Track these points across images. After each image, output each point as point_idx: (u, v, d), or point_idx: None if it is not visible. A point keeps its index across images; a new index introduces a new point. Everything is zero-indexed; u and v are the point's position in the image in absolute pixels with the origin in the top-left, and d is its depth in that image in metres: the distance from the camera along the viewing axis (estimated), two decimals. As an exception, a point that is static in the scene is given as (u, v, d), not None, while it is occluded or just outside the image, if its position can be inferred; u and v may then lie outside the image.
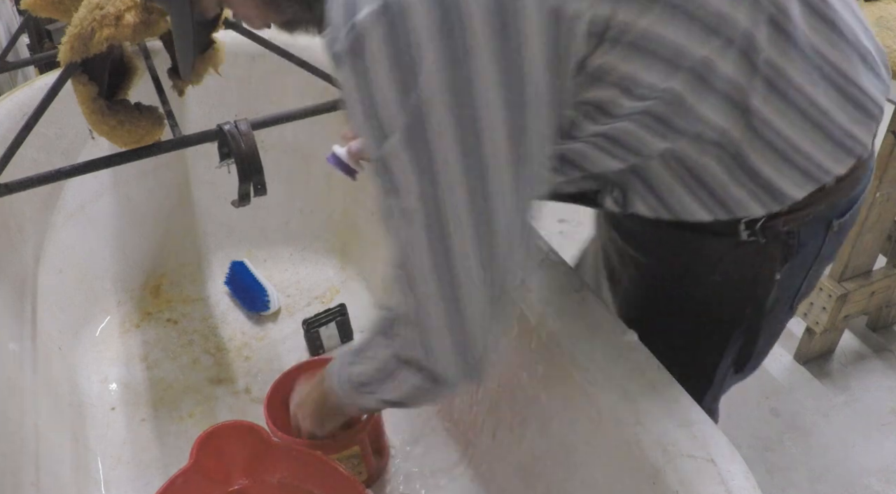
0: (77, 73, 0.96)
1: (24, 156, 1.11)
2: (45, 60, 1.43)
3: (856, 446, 1.62)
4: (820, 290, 1.68)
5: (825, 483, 1.56)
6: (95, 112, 0.98)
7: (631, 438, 0.77)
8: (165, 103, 1.07)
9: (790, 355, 1.82)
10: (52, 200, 1.40)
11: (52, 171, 1.00)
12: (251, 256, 1.61)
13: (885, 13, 1.40)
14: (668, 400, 0.77)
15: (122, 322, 1.50)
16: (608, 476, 0.83)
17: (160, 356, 1.43)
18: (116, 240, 1.52)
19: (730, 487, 0.69)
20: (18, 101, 1.29)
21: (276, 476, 1.06)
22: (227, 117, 1.09)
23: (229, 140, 1.03)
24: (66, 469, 1.12)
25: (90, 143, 1.38)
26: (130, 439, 1.27)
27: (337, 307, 1.44)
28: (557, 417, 0.92)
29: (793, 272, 0.82)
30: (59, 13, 1.12)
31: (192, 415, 1.32)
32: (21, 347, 1.14)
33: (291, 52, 1.17)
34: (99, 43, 0.90)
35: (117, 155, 1.03)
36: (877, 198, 1.54)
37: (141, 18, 0.90)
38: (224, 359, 1.43)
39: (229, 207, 1.10)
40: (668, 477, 0.72)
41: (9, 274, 1.22)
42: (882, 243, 1.66)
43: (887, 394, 1.73)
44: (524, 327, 0.93)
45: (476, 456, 1.14)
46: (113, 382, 1.38)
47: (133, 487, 1.19)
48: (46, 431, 1.09)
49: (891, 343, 1.85)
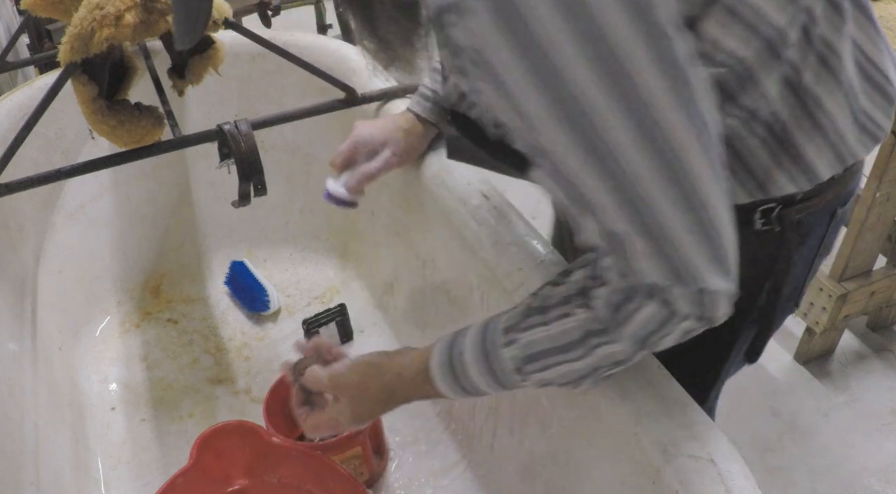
0: (77, 73, 0.96)
1: (24, 156, 1.11)
2: (45, 60, 1.43)
3: (856, 446, 1.62)
4: (820, 290, 1.68)
5: (825, 483, 1.56)
6: (95, 112, 0.98)
7: (631, 438, 0.77)
8: (165, 103, 1.07)
9: (790, 355, 1.82)
10: (52, 200, 1.41)
11: (52, 171, 1.00)
12: (251, 256, 1.61)
13: (885, 13, 1.40)
14: (668, 400, 0.77)
15: (122, 322, 1.50)
16: (608, 476, 0.83)
17: (160, 356, 1.43)
18: (116, 240, 1.52)
19: (730, 487, 0.69)
20: (18, 101, 1.29)
21: (276, 476, 1.06)
22: (227, 117, 1.09)
23: (229, 140, 1.03)
24: (66, 469, 1.12)
25: (90, 143, 1.38)
26: (130, 439, 1.27)
27: (337, 307, 1.44)
28: (557, 417, 0.92)
29: (802, 261, 0.82)
30: (59, 13, 1.12)
31: (192, 415, 1.32)
32: (21, 347, 1.14)
33: (291, 52, 1.17)
34: (99, 43, 0.90)
35: (117, 155, 1.03)
36: (877, 198, 1.54)
37: (141, 18, 0.90)
38: (224, 359, 1.43)
39: (229, 207, 1.10)
40: (668, 477, 0.72)
41: (9, 274, 1.22)
42: (882, 243, 1.66)
43: (887, 394, 1.73)
44: (524, 327, 0.93)
45: (476, 457, 1.14)
46: (113, 382, 1.38)
47: (133, 487, 1.19)
48: (46, 431, 1.09)
49: (891, 343, 1.85)
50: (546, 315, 0.68)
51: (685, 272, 0.58)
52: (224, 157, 1.07)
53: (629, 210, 0.55)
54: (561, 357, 0.68)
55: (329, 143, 1.52)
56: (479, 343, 0.73)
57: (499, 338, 0.71)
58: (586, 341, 0.66)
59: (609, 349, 0.66)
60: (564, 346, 0.67)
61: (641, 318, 0.62)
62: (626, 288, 0.62)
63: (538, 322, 0.69)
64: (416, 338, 1.34)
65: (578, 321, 0.66)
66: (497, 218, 1.00)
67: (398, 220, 1.32)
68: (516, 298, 0.93)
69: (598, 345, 0.66)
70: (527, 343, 0.69)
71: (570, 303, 0.67)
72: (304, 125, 1.32)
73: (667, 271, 0.58)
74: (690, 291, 0.59)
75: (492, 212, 1.01)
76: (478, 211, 1.02)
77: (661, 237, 0.56)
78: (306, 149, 1.55)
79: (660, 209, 0.55)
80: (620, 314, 0.63)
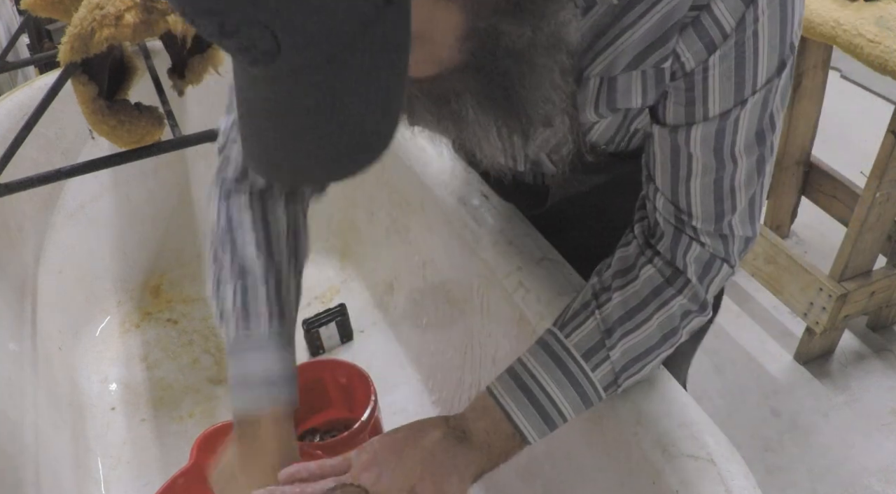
0: (77, 73, 0.96)
1: (24, 156, 1.11)
2: (45, 60, 1.43)
3: (856, 446, 1.62)
4: (820, 290, 1.68)
5: (825, 483, 1.56)
6: (95, 112, 0.98)
7: (631, 438, 0.77)
8: (165, 103, 1.07)
9: (790, 355, 1.83)
10: (52, 200, 1.41)
11: (52, 171, 1.00)
12: (251, 256, 1.61)
13: (885, 13, 1.40)
14: (668, 400, 0.77)
15: (122, 322, 1.50)
16: (608, 476, 0.83)
17: (160, 356, 1.43)
18: (116, 240, 1.52)
19: (730, 487, 0.69)
20: (18, 101, 1.29)
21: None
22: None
23: (229, 140, 1.03)
24: (66, 469, 1.12)
25: (90, 143, 1.38)
26: (130, 439, 1.27)
27: (337, 307, 1.44)
28: (557, 417, 0.92)
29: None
30: (59, 13, 1.12)
31: (192, 415, 1.32)
32: (21, 347, 1.14)
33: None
34: (99, 43, 0.90)
35: (117, 155, 1.03)
36: (877, 198, 1.54)
37: (141, 18, 0.90)
38: (224, 359, 1.42)
39: (229, 207, 1.10)
40: (668, 477, 0.72)
41: (9, 274, 1.22)
42: (882, 243, 1.66)
43: (887, 394, 1.73)
44: (524, 327, 0.93)
45: (476, 456, 1.14)
46: (113, 382, 1.38)
47: (133, 487, 1.19)
48: (46, 431, 1.09)
49: (891, 343, 1.85)
50: (635, 318, 0.71)
51: (753, 224, 0.70)
52: (224, 157, 1.07)
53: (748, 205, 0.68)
54: (658, 349, 0.72)
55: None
56: (557, 370, 0.71)
57: (581, 364, 0.71)
58: (682, 322, 0.71)
59: (698, 320, 0.72)
60: (663, 337, 0.72)
61: (718, 281, 0.71)
62: (707, 260, 0.69)
63: (629, 329, 0.71)
64: (416, 338, 1.34)
65: (677, 305, 0.71)
66: (497, 218, 1.00)
67: (398, 220, 1.32)
68: (516, 298, 0.93)
69: (690, 321, 0.72)
70: (621, 354, 0.71)
71: (661, 294, 0.71)
72: (304, 125, 1.32)
73: (748, 225, 0.69)
74: (743, 241, 0.70)
75: (492, 212, 1.01)
76: (478, 211, 1.02)
77: (752, 209, 0.69)
78: (306, 149, 1.55)
79: (758, 194, 0.68)
80: (705, 285, 0.71)
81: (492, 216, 1.01)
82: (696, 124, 0.62)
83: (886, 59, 1.33)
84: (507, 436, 0.71)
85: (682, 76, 0.60)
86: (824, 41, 1.46)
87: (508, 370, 0.73)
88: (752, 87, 0.59)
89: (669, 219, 0.70)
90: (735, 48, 0.57)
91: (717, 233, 0.69)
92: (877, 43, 1.35)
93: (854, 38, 1.39)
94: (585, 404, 0.72)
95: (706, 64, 0.58)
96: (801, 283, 1.73)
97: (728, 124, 0.61)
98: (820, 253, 2.04)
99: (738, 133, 0.62)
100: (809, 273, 1.71)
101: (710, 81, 0.59)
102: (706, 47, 0.57)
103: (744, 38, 0.56)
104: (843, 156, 2.06)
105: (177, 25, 0.93)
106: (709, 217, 0.67)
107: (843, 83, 2.77)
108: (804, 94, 1.81)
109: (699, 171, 0.65)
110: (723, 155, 0.63)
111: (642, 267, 0.72)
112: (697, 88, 0.60)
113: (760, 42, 0.57)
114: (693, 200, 0.67)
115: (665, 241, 0.71)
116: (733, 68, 0.58)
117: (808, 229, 2.13)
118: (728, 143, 0.63)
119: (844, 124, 2.40)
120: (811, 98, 1.83)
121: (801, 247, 2.10)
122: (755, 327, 1.91)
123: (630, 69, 0.60)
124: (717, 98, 0.60)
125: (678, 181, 0.67)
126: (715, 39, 0.56)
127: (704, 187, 0.66)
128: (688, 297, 0.71)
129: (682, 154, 0.65)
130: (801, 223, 2.11)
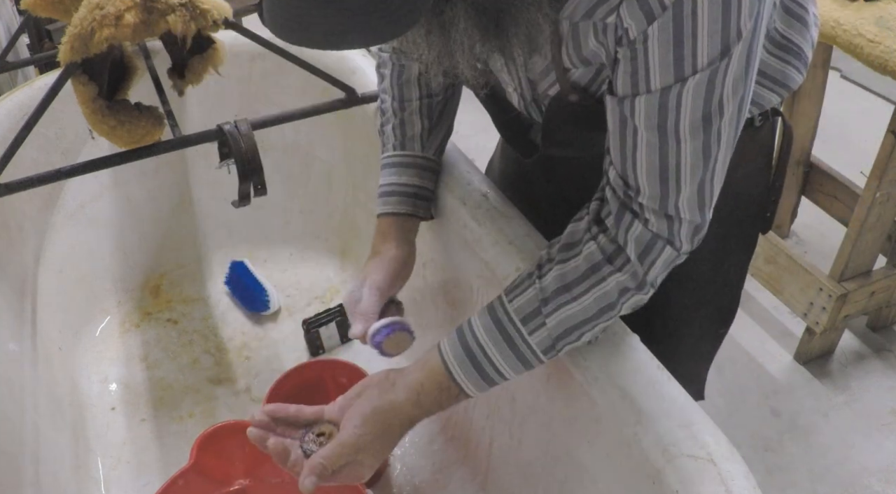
0: (77, 73, 0.96)
1: (24, 156, 1.11)
2: (45, 60, 1.43)
3: (856, 446, 1.62)
4: (820, 290, 1.68)
5: (825, 483, 1.56)
6: (95, 112, 0.98)
7: (631, 438, 0.77)
8: (165, 103, 1.07)
9: (790, 355, 1.83)
10: (52, 200, 1.41)
11: (52, 171, 1.00)
12: (251, 256, 1.61)
13: (885, 13, 1.40)
14: (668, 400, 0.77)
15: (122, 322, 1.50)
16: (608, 476, 0.83)
17: (160, 356, 1.44)
18: (116, 240, 1.52)
19: (730, 487, 0.69)
20: (18, 101, 1.29)
21: (276, 476, 1.06)
22: (227, 117, 1.09)
23: (229, 140, 1.03)
24: (66, 469, 1.12)
25: (90, 143, 1.38)
26: (130, 439, 1.27)
27: (337, 307, 1.44)
28: (557, 417, 0.92)
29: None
30: (59, 13, 1.12)
31: (192, 415, 1.32)
32: (21, 347, 1.15)
33: (291, 53, 1.17)
34: (99, 43, 0.90)
35: (117, 155, 1.03)
36: (877, 198, 1.54)
37: (141, 18, 0.90)
38: (224, 359, 1.43)
39: (229, 207, 1.10)
40: (668, 477, 0.72)
41: (9, 274, 1.22)
42: (882, 243, 1.66)
43: (887, 394, 1.73)
44: (524, 327, 0.93)
45: (476, 456, 1.14)
46: (113, 382, 1.38)
47: (133, 487, 1.19)
48: (46, 431, 1.09)
49: (891, 343, 1.85)
50: (572, 291, 0.75)
51: (703, 211, 0.72)
52: (224, 157, 1.07)
53: (694, 187, 0.71)
54: (595, 321, 0.76)
55: (329, 143, 1.52)
56: (495, 332, 0.78)
57: (518, 328, 0.77)
58: (620, 299, 0.75)
59: (637, 298, 0.76)
60: (600, 311, 0.75)
61: (661, 262, 0.74)
62: (648, 240, 0.72)
63: (565, 300, 0.75)
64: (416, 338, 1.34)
65: (614, 282, 0.74)
66: (497, 218, 1.00)
67: (398, 220, 1.32)
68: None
69: (629, 299, 0.75)
70: (557, 323, 0.76)
71: (600, 271, 0.74)
72: (304, 125, 1.32)
73: (696, 211, 0.72)
74: (691, 226, 0.73)
75: (492, 212, 1.01)
76: (478, 211, 1.02)
77: (701, 195, 0.71)
78: (306, 149, 1.55)
79: (707, 181, 0.71)
80: (645, 265, 0.73)
81: (492, 216, 1.01)
82: (639, 96, 0.65)
83: (886, 59, 1.33)
84: (440, 388, 0.79)
85: (627, 44, 0.63)
86: (824, 41, 1.46)
87: (457, 328, 0.80)
88: (693, 67, 0.62)
89: (618, 192, 0.73)
90: (673, 21, 0.60)
91: (662, 211, 0.71)
92: (877, 43, 1.35)
93: (854, 38, 1.39)
94: (524, 364, 0.78)
95: (646, 33, 0.61)
96: (801, 283, 1.73)
97: (670, 99, 0.64)
98: (820, 253, 2.04)
99: (681, 111, 0.65)
100: (809, 273, 1.71)
101: (651, 52, 0.62)
102: (646, 16, 0.60)
103: (682, 14, 0.59)
104: (843, 156, 2.06)
105: (177, 25, 0.93)
106: (654, 194, 0.70)
107: (843, 83, 2.77)
108: (804, 94, 1.81)
109: (643, 145, 0.68)
110: (666, 131, 0.66)
111: (586, 242, 0.75)
112: (639, 58, 0.63)
113: (700, 21, 0.59)
114: (639, 174, 0.70)
115: (611, 218, 0.74)
116: (671, 41, 0.61)
117: (808, 229, 2.13)
118: (672, 120, 0.65)
119: (844, 124, 2.41)
120: (811, 98, 1.83)
121: (801, 247, 2.10)
122: (755, 327, 1.91)
123: (587, 18, 0.65)
124: (657, 70, 0.63)
125: (626, 154, 0.70)
126: (654, 9, 0.60)
127: (650, 163, 0.69)
128: (626, 275, 0.74)
129: (628, 125, 0.68)
130: (801, 223, 2.11)
